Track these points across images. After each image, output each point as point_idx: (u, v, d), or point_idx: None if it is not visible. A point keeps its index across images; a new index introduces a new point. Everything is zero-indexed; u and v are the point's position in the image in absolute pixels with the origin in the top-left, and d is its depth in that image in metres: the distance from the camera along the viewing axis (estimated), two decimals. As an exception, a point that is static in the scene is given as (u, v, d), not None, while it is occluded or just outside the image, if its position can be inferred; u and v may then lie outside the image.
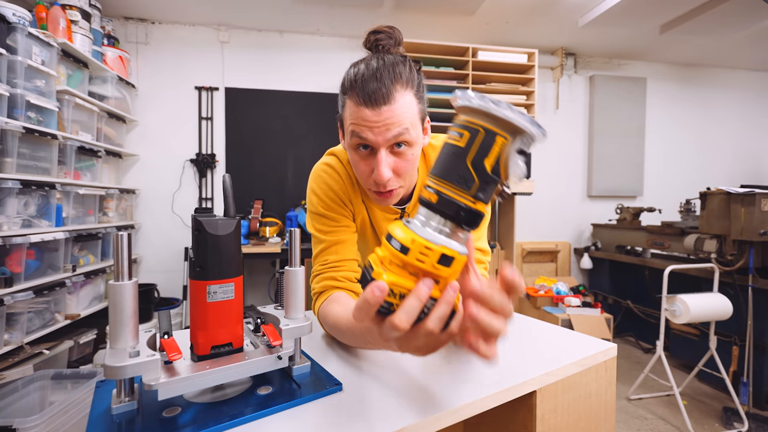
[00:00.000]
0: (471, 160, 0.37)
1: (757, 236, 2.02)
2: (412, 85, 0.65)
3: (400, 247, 0.38)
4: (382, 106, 0.61)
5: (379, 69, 0.63)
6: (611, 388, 0.70)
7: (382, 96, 0.61)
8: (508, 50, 2.82)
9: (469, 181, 0.38)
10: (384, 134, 0.62)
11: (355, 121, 0.63)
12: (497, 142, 0.36)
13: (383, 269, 0.40)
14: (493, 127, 0.36)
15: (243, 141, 2.98)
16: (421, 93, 0.68)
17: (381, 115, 0.61)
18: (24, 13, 1.91)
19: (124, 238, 0.43)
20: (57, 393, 1.59)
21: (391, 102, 0.61)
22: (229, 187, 0.52)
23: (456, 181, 0.38)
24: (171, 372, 0.46)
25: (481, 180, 0.37)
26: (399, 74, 0.63)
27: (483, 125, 0.36)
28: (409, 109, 0.64)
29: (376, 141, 0.63)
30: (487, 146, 0.36)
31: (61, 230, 1.96)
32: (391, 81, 0.62)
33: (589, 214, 3.68)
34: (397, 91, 0.62)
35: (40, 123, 1.86)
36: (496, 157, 0.37)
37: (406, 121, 0.63)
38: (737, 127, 4.03)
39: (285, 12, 2.74)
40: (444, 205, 0.39)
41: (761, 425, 1.91)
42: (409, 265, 0.38)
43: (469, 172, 0.37)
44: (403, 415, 0.48)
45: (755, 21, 2.72)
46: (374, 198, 0.72)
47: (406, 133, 0.63)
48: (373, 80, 0.61)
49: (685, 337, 2.51)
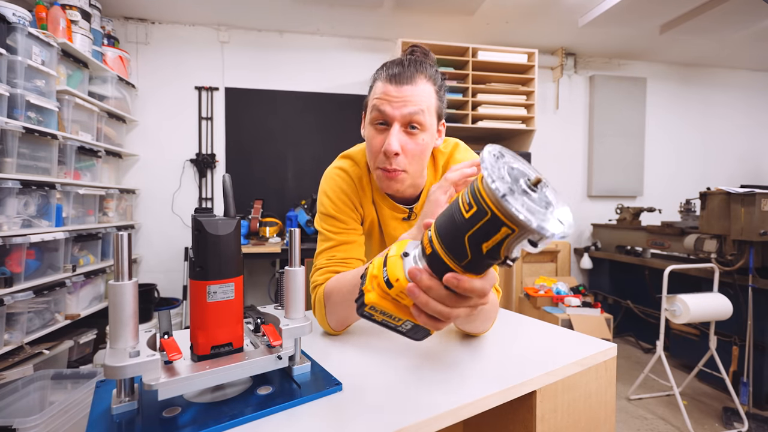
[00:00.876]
0: (469, 236, 0.37)
1: (757, 236, 2.02)
2: (434, 81, 0.74)
3: (386, 279, 0.43)
4: (404, 85, 0.70)
5: (407, 59, 0.73)
6: (611, 388, 0.70)
7: (405, 77, 0.70)
8: (508, 50, 2.81)
9: (462, 255, 0.38)
10: (401, 109, 0.70)
11: (378, 96, 0.72)
12: (501, 232, 0.35)
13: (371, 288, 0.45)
14: (501, 216, 0.34)
15: (243, 141, 2.98)
16: (441, 93, 0.76)
17: (401, 92, 0.70)
18: (24, 13, 1.90)
19: (124, 238, 0.43)
20: (57, 393, 1.60)
21: (413, 83, 0.70)
22: (229, 187, 0.52)
23: (450, 248, 0.39)
24: (171, 372, 0.46)
25: (474, 258, 0.38)
26: (424, 68, 0.73)
27: (493, 209, 0.34)
28: (428, 97, 0.72)
29: (393, 114, 0.70)
30: (488, 231, 0.35)
31: (61, 230, 1.96)
32: (416, 69, 0.71)
33: (589, 214, 3.68)
34: (419, 78, 0.71)
35: (40, 123, 1.86)
36: (496, 243, 0.36)
37: (422, 104, 0.71)
38: (737, 127, 4.03)
39: (285, 12, 2.74)
40: (434, 261, 0.41)
41: (761, 425, 1.91)
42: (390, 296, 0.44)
43: (464, 248, 0.37)
44: (403, 415, 0.48)
45: (755, 21, 2.72)
46: (381, 179, 0.76)
47: (420, 114, 0.70)
48: (400, 66, 0.72)
49: (685, 337, 2.51)
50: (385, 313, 0.45)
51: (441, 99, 0.76)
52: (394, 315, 0.45)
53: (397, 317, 0.46)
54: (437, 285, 0.42)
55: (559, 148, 3.60)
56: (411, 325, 0.46)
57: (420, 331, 0.47)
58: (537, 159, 3.35)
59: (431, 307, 0.43)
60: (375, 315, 0.46)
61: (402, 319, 0.46)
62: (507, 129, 2.85)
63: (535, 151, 3.29)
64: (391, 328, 0.48)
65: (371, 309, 0.45)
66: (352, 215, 0.83)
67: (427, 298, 0.42)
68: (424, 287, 0.42)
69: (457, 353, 0.67)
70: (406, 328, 0.47)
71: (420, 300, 0.43)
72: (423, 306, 0.43)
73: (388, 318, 0.46)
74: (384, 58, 3.18)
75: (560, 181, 3.62)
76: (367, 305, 0.45)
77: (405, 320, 0.46)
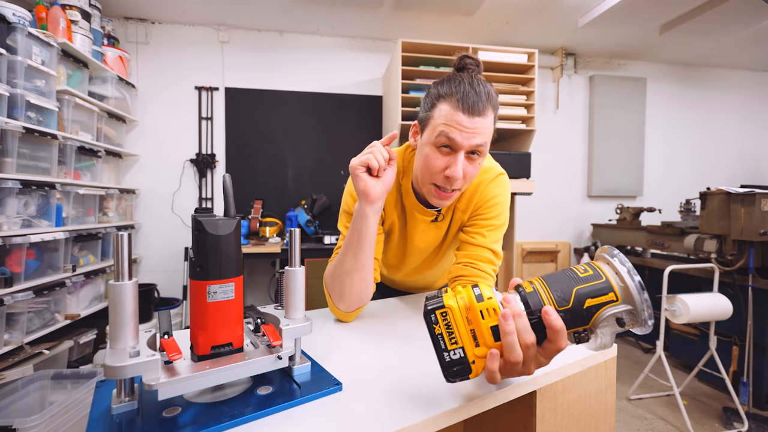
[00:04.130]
0: (578, 289, 0.44)
1: (757, 236, 2.02)
2: (495, 111, 0.77)
3: (477, 294, 0.46)
4: (476, 117, 0.72)
5: (481, 89, 0.73)
6: (611, 388, 0.70)
7: (478, 109, 0.72)
8: (508, 50, 2.81)
9: (564, 300, 0.44)
10: (470, 139, 0.72)
11: (448, 122, 0.73)
12: (607, 295, 0.42)
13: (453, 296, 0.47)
14: (614, 284, 0.42)
15: (243, 141, 2.98)
16: (496, 119, 0.79)
17: (474, 124, 0.72)
18: (24, 13, 1.90)
19: (124, 238, 0.43)
20: (57, 393, 1.60)
21: (484, 116, 0.73)
22: (229, 187, 0.52)
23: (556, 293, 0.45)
24: (171, 372, 0.46)
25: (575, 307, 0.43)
26: (492, 99, 0.75)
27: (608, 277, 0.43)
28: (491, 126, 0.75)
29: (462, 144, 0.73)
30: (598, 291, 0.43)
31: (61, 230, 1.96)
32: (488, 101, 0.73)
33: (589, 214, 3.68)
34: (488, 110, 0.73)
35: (40, 123, 1.86)
36: (598, 305, 0.42)
37: (487, 135, 0.74)
38: (737, 127, 4.03)
39: (285, 12, 2.74)
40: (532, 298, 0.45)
41: (761, 425, 1.91)
42: (472, 311, 0.45)
43: (570, 295, 0.44)
44: (403, 415, 0.48)
45: (755, 21, 2.72)
46: (433, 195, 0.80)
47: (484, 145, 0.74)
48: (474, 94, 0.72)
49: (685, 337, 2.51)
50: (449, 327, 0.45)
51: (496, 121, 0.79)
52: (456, 334, 0.45)
53: (456, 339, 0.45)
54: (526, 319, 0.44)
55: (559, 148, 3.60)
56: (459, 357, 0.45)
57: (463, 367, 0.46)
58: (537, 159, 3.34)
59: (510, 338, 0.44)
60: (439, 323, 0.45)
61: (459, 343, 0.45)
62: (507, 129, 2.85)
63: (535, 151, 3.29)
64: (438, 349, 0.46)
65: (442, 315, 0.45)
66: None
67: (513, 327, 0.44)
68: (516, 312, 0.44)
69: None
70: (453, 357, 0.45)
71: (507, 327, 0.44)
72: (505, 334, 0.44)
73: (447, 335, 0.45)
74: (384, 58, 3.18)
75: (560, 181, 3.62)
76: (443, 308, 0.45)
77: (460, 347, 0.45)
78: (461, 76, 0.75)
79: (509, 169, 0.95)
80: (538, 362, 0.47)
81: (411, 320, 0.85)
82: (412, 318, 0.87)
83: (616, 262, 0.43)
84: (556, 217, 3.62)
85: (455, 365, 0.46)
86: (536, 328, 0.45)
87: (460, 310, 0.45)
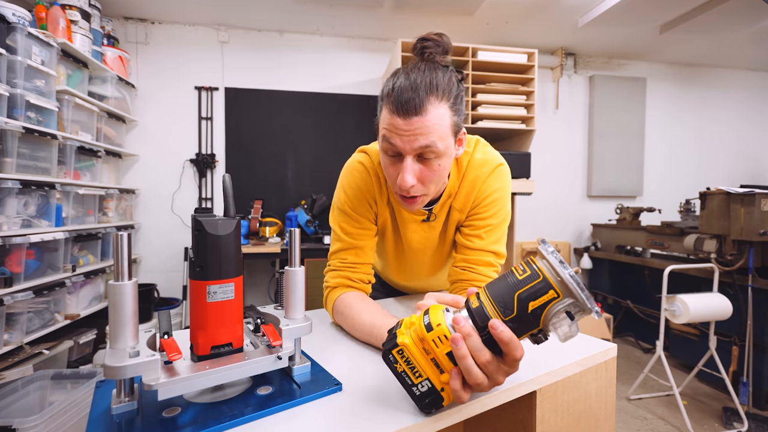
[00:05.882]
0: (518, 294, 0.42)
1: (756, 236, 2.02)
2: (448, 97, 0.66)
3: (427, 323, 0.45)
4: (413, 117, 0.63)
5: (416, 80, 0.64)
6: (611, 388, 0.70)
7: (414, 107, 0.63)
8: (508, 50, 2.81)
9: (508, 309, 0.43)
10: (411, 143, 0.65)
11: (387, 127, 0.66)
12: (548, 294, 0.41)
13: (405, 332, 0.46)
14: (552, 281, 0.41)
15: (243, 141, 2.97)
16: (457, 105, 0.69)
17: (411, 125, 0.63)
18: (24, 13, 1.90)
19: (124, 238, 0.43)
20: (57, 393, 1.59)
21: (422, 113, 0.63)
22: (229, 187, 0.52)
23: (499, 303, 0.44)
24: (171, 372, 0.46)
25: (519, 314, 0.42)
26: (435, 86, 0.64)
27: (545, 275, 0.41)
28: (441, 121, 0.65)
29: (404, 148, 0.66)
30: (538, 292, 0.42)
31: (61, 230, 1.96)
32: (426, 92, 0.63)
33: (589, 214, 3.68)
34: (430, 103, 0.63)
35: (40, 123, 1.86)
36: (541, 305, 0.42)
37: (434, 134, 0.64)
38: (737, 127, 4.03)
39: (285, 12, 2.73)
40: (479, 316, 0.44)
41: (761, 425, 1.91)
42: (426, 342, 0.45)
43: (512, 302, 0.43)
44: (403, 415, 0.48)
45: (755, 21, 2.72)
46: (400, 202, 0.75)
47: (433, 144, 0.65)
48: (409, 90, 0.63)
49: (685, 337, 2.51)
50: (410, 363, 0.45)
51: (458, 111, 0.69)
52: (418, 368, 0.45)
53: (419, 372, 0.45)
54: (477, 338, 0.44)
55: (559, 148, 3.60)
56: (427, 388, 0.45)
57: (434, 397, 0.46)
58: (537, 159, 3.34)
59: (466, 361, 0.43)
60: (399, 362, 0.46)
61: (423, 375, 0.45)
62: (507, 129, 2.85)
63: (535, 151, 3.29)
64: (405, 385, 0.46)
65: (399, 353, 0.45)
66: (367, 214, 0.83)
67: (466, 351, 0.43)
68: (465, 334, 0.43)
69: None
70: (421, 389, 0.45)
71: (459, 350, 0.43)
72: (459, 358, 0.43)
73: (410, 370, 0.45)
74: (384, 58, 3.18)
75: (560, 181, 3.62)
76: (398, 347, 0.46)
77: (425, 378, 0.45)
78: (406, 67, 0.68)
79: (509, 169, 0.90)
80: (505, 372, 0.46)
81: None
82: (412, 318, 0.87)
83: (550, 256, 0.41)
84: (556, 217, 3.62)
85: (426, 397, 0.46)
86: (490, 343, 0.44)
87: (414, 343, 0.45)
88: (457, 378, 0.44)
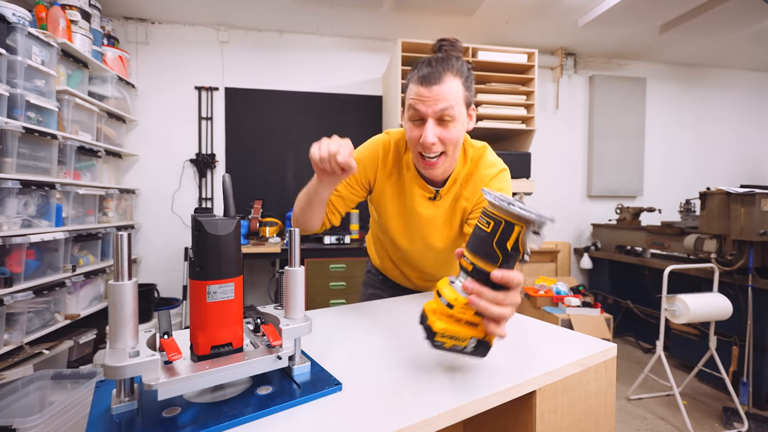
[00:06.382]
0: (495, 242, 0.50)
1: (756, 236, 2.02)
2: (461, 75, 0.83)
3: (447, 303, 0.53)
4: (433, 86, 0.80)
5: (436, 59, 0.82)
6: (611, 388, 0.70)
7: (433, 77, 0.80)
8: (508, 50, 2.81)
9: (494, 257, 0.51)
10: (432, 106, 0.80)
11: (412, 96, 0.83)
12: (515, 231, 0.49)
13: (435, 318, 0.53)
14: (511, 219, 0.49)
15: (243, 141, 2.97)
16: (468, 84, 0.85)
17: (432, 92, 0.80)
18: (24, 13, 1.90)
19: (124, 238, 0.43)
20: (57, 393, 1.60)
21: (440, 83, 0.79)
22: (228, 187, 0.52)
23: (485, 257, 0.51)
24: (171, 372, 0.46)
25: (504, 257, 0.51)
26: (451, 65, 0.82)
27: (504, 218, 0.49)
28: (456, 91, 0.81)
29: (426, 112, 0.81)
30: (507, 233, 0.50)
31: (61, 230, 1.96)
32: (443, 68, 0.81)
33: (589, 214, 3.68)
34: (446, 76, 0.80)
35: (40, 123, 1.86)
36: (515, 240, 0.50)
37: (451, 99, 0.80)
38: (737, 127, 4.03)
39: (285, 12, 2.74)
40: (477, 273, 0.52)
41: (761, 425, 1.91)
42: (454, 316, 0.53)
43: (494, 251, 0.51)
44: (403, 415, 0.48)
45: (755, 21, 2.72)
46: (421, 166, 0.88)
47: (450, 108, 0.80)
48: (429, 66, 0.81)
49: (685, 337, 2.51)
50: (453, 337, 0.53)
51: (468, 88, 0.85)
52: (460, 336, 0.53)
53: (462, 338, 0.53)
54: (487, 289, 0.51)
55: (559, 148, 3.60)
56: (475, 342, 0.54)
57: (483, 346, 0.55)
58: (537, 159, 3.35)
59: (490, 310, 0.50)
60: (445, 342, 0.53)
61: (466, 339, 0.53)
62: (507, 129, 2.85)
63: (535, 151, 3.29)
64: (458, 352, 0.55)
65: (441, 336, 0.53)
66: (361, 179, 0.97)
67: (486, 302, 0.51)
68: (477, 292, 0.51)
69: (456, 353, 0.67)
70: (471, 346, 0.54)
71: (481, 305, 0.51)
72: (484, 311, 0.51)
73: (456, 341, 0.54)
74: (384, 58, 3.18)
75: (560, 181, 3.62)
76: (438, 333, 0.53)
77: (469, 339, 0.53)
78: (429, 56, 0.84)
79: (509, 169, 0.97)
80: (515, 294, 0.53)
81: (411, 320, 0.85)
82: (412, 318, 0.87)
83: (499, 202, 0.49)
84: (556, 216, 3.60)
85: (477, 349, 0.55)
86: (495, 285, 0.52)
87: (447, 322, 0.53)
88: (489, 323, 0.52)
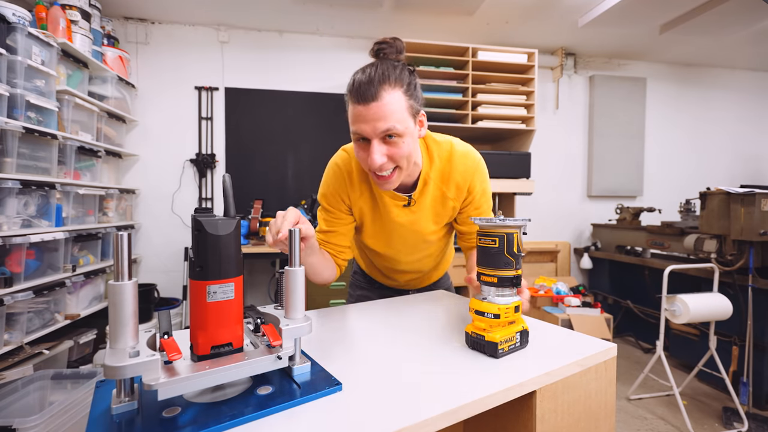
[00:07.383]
0: (507, 251, 0.64)
1: (757, 236, 2.02)
2: (400, 84, 0.77)
3: (493, 315, 0.64)
4: (371, 103, 0.74)
5: (371, 73, 0.76)
6: (611, 388, 0.70)
7: (370, 95, 0.74)
8: (508, 50, 2.82)
9: (510, 264, 0.65)
10: (374, 127, 0.75)
11: (352, 116, 0.78)
12: (515, 237, 0.65)
13: (493, 333, 0.64)
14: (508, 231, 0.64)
15: (243, 141, 2.97)
16: (411, 91, 0.79)
17: (370, 110, 0.74)
18: (24, 13, 1.90)
19: (124, 238, 0.43)
20: (57, 393, 1.60)
21: (378, 99, 0.74)
22: (229, 187, 0.52)
23: (504, 266, 0.65)
24: (171, 372, 0.46)
25: (516, 259, 0.65)
26: (387, 76, 0.75)
27: (504, 232, 0.64)
28: (396, 105, 0.75)
29: (368, 132, 0.76)
30: (510, 241, 0.64)
31: (61, 230, 1.96)
32: (380, 82, 0.74)
33: (589, 214, 3.68)
34: (384, 90, 0.74)
35: (40, 123, 1.86)
36: (517, 243, 0.65)
37: (392, 116, 0.75)
38: (737, 127, 4.03)
39: (285, 12, 2.74)
40: (504, 282, 0.65)
41: (761, 425, 1.91)
42: (503, 322, 0.65)
43: (509, 259, 0.65)
44: (403, 415, 0.48)
45: (755, 21, 2.72)
46: (376, 182, 0.85)
47: (393, 127, 0.75)
48: (365, 82, 0.75)
49: (685, 337, 2.51)
50: (508, 340, 0.65)
51: (412, 95, 0.79)
52: (510, 336, 0.66)
53: (512, 337, 0.66)
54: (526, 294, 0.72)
55: (559, 148, 3.60)
56: (519, 336, 0.67)
57: (524, 335, 0.68)
58: (537, 159, 3.35)
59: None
60: (504, 347, 0.64)
61: (514, 336, 0.66)
62: (507, 129, 2.85)
63: (535, 151, 3.30)
64: (514, 350, 0.67)
65: (501, 344, 0.64)
66: (341, 207, 0.95)
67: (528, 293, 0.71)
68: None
69: (457, 353, 0.67)
70: (518, 341, 0.67)
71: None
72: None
73: (510, 342, 0.66)
74: (384, 58, 3.17)
75: (560, 181, 3.62)
76: (499, 343, 0.63)
77: (515, 334, 0.66)
78: (363, 66, 0.79)
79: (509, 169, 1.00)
80: None
81: (411, 320, 0.85)
82: (412, 318, 0.87)
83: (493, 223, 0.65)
84: (556, 216, 3.62)
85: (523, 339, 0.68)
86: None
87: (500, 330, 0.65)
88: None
